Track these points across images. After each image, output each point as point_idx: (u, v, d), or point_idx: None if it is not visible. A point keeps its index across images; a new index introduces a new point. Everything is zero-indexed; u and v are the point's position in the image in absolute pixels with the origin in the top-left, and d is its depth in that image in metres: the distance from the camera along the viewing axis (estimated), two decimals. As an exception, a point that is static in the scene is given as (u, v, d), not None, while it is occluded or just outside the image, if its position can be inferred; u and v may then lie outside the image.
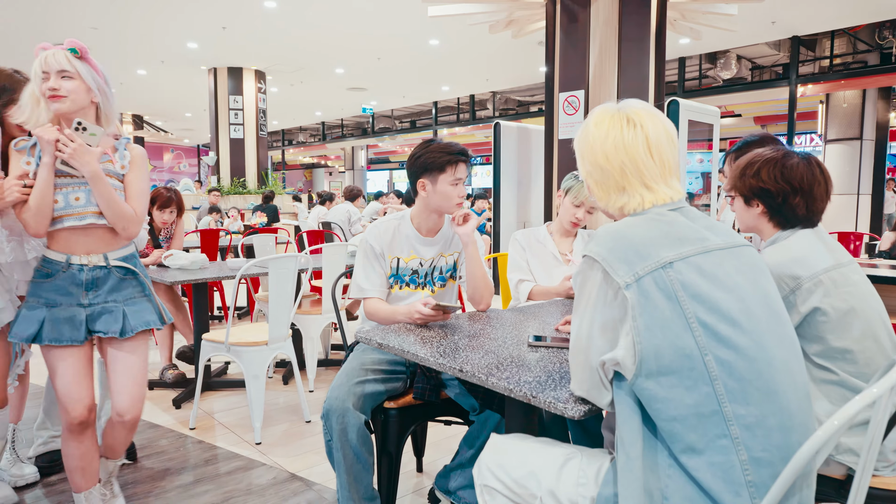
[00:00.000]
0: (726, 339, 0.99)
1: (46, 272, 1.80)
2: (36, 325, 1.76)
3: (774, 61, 11.03)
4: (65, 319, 1.79)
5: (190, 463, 2.47)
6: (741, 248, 1.12)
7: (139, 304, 1.90)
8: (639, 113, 1.17)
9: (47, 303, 1.79)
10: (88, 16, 7.87)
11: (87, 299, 1.82)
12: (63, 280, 1.80)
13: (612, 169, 1.16)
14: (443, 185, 1.99)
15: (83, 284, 1.81)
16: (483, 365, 1.38)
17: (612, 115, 1.18)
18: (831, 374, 1.41)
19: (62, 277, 1.80)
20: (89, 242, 1.82)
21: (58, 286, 1.80)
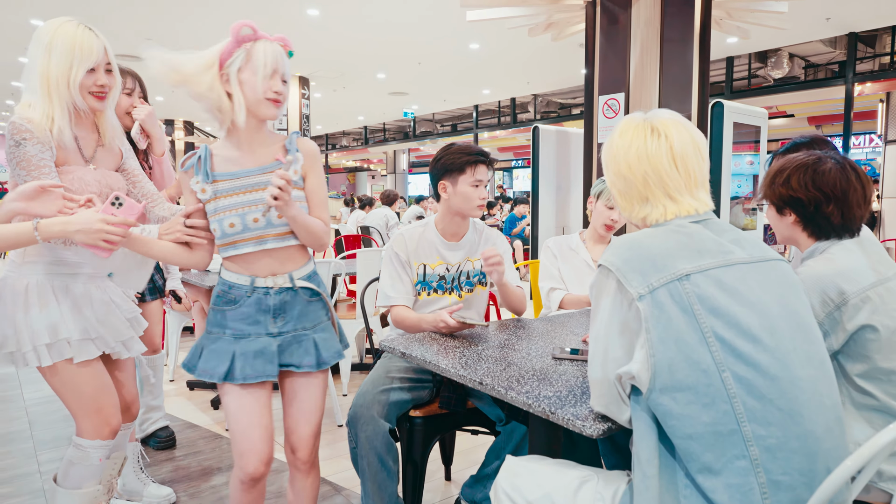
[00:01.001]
0: (745, 355, 0.96)
1: (230, 298, 1.53)
2: (227, 361, 1.51)
3: (830, 59, 10.57)
4: (256, 353, 1.53)
5: (224, 464, 2.53)
6: (770, 263, 1.08)
7: (327, 330, 1.65)
8: (665, 122, 1.14)
9: (235, 334, 1.53)
10: (143, 26, 8.20)
11: (275, 327, 1.56)
12: (249, 306, 1.53)
13: (634, 179, 1.14)
14: (463, 186, 1.99)
15: (271, 310, 1.55)
16: (504, 378, 1.36)
17: (636, 125, 1.15)
18: (872, 398, 1.34)
19: (248, 303, 1.52)
20: (272, 262, 1.55)
21: (245, 314, 1.53)
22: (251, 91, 1.46)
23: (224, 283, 1.55)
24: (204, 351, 1.55)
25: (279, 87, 1.49)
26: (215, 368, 1.52)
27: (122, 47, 9.26)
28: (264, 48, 1.46)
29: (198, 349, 1.56)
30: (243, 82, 1.46)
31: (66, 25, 1.58)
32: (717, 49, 9.52)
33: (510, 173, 24.43)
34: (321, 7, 7.36)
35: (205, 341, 1.56)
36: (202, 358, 1.54)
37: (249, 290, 1.54)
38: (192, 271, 3.44)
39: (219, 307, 1.54)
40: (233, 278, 1.54)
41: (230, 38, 1.46)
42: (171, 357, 3.69)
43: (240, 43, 1.45)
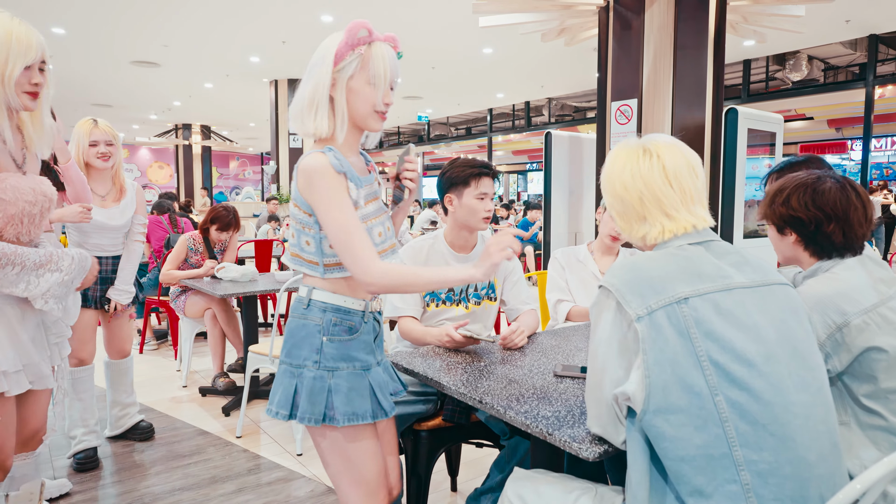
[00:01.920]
0: (739, 380, 0.96)
1: (349, 326, 1.36)
2: (368, 398, 1.35)
3: (850, 61, 10.40)
4: (383, 384, 1.40)
5: (234, 472, 2.56)
6: (771, 288, 1.07)
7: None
8: (657, 144, 1.16)
9: (364, 366, 1.37)
10: (161, 34, 8.32)
11: (378, 356, 1.43)
12: (367, 333, 1.39)
13: (630, 199, 1.16)
14: (468, 198, 2.01)
15: (375, 336, 1.43)
16: (504, 396, 1.36)
17: (629, 149, 1.18)
18: (880, 418, 1.32)
19: (365, 330, 1.39)
20: None
21: (364, 343, 1.38)
22: (363, 103, 1.31)
23: (337, 309, 1.34)
24: (344, 392, 1.31)
25: (391, 98, 1.34)
26: (361, 408, 1.33)
27: (140, 54, 9.42)
28: (382, 54, 1.30)
29: (322, 392, 1.30)
30: (353, 91, 1.30)
31: (1, 17, 1.46)
32: (734, 52, 9.42)
33: (524, 176, 24.38)
34: (335, 14, 7.43)
35: (337, 381, 1.32)
36: (346, 401, 1.31)
37: (366, 316, 1.39)
38: (204, 280, 3.48)
39: (339, 337, 1.34)
40: (347, 303, 1.35)
41: (343, 39, 1.29)
42: (185, 363, 3.74)
43: (354, 46, 1.29)
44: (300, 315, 1.35)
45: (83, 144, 2.46)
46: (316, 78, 1.29)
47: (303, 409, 1.30)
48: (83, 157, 2.47)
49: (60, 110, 10.34)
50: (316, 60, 1.31)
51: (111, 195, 2.57)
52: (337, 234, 1.27)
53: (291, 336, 1.35)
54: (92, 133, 2.47)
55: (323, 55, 1.30)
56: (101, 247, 2.56)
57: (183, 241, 3.65)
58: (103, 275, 2.58)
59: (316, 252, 1.33)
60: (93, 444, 2.62)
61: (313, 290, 1.35)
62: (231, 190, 24.58)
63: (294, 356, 1.33)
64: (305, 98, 1.31)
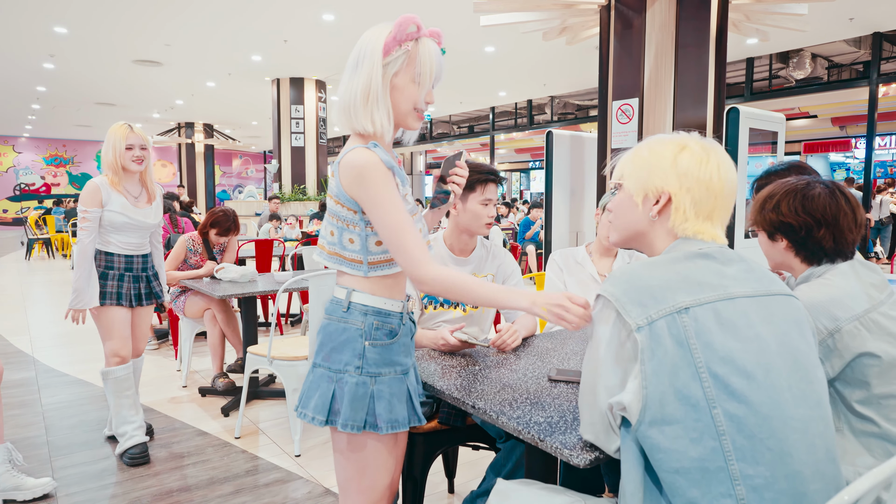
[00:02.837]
0: (738, 392, 0.94)
1: (390, 329, 1.32)
2: (406, 404, 1.33)
3: (854, 59, 10.35)
4: (415, 391, 1.38)
5: (232, 473, 2.56)
6: (775, 298, 1.05)
7: None
8: (718, 152, 1.13)
9: (404, 370, 1.34)
10: (163, 33, 8.33)
11: (413, 358, 1.41)
12: (406, 335, 1.36)
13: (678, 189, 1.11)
14: (473, 203, 2.01)
15: (411, 339, 1.40)
16: (497, 401, 1.36)
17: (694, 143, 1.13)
18: (873, 425, 1.31)
19: (404, 332, 1.35)
20: (404, 282, 1.39)
21: (404, 345, 1.35)
22: (405, 100, 1.28)
23: (378, 312, 1.31)
24: (387, 399, 1.29)
25: (433, 96, 1.31)
26: (402, 414, 1.31)
27: (142, 53, 9.42)
28: (429, 51, 1.26)
29: (364, 399, 1.27)
30: (397, 88, 1.27)
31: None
32: (737, 50, 9.38)
33: (527, 175, 24.35)
34: (336, 12, 7.42)
35: (380, 388, 1.28)
36: (388, 408, 1.28)
37: (403, 317, 1.35)
38: (203, 280, 3.49)
39: (381, 342, 1.30)
40: (387, 305, 1.32)
41: (391, 33, 1.25)
42: (185, 363, 3.75)
43: (401, 42, 1.25)
44: (339, 318, 1.30)
45: (119, 148, 2.54)
46: (367, 71, 1.24)
47: (345, 416, 1.27)
48: (119, 160, 2.55)
49: (64, 109, 10.39)
50: (363, 53, 1.26)
51: (143, 197, 2.67)
52: (392, 232, 1.24)
53: (330, 339, 1.30)
54: (128, 137, 2.56)
55: (371, 48, 1.25)
56: (131, 244, 2.64)
57: (182, 242, 3.66)
58: (134, 273, 2.65)
59: (361, 250, 1.30)
60: (142, 439, 2.68)
61: (353, 293, 1.31)
62: (234, 188, 24.62)
63: (334, 361, 1.29)
64: (358, 93, 1.25)
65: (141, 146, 2.58)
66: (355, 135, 1.32)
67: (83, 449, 2.77)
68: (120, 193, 2.55)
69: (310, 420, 1.30)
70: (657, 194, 1.12)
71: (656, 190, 1.12)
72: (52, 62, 10.01)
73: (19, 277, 9.05)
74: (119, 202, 2.54)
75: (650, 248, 1.17)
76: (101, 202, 2.52)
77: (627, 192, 1.17)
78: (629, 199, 1.17)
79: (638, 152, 1.16)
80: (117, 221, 2.55)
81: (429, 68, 1.27)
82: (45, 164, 21.60)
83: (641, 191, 1.14)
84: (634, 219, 1.16)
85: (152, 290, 2.73)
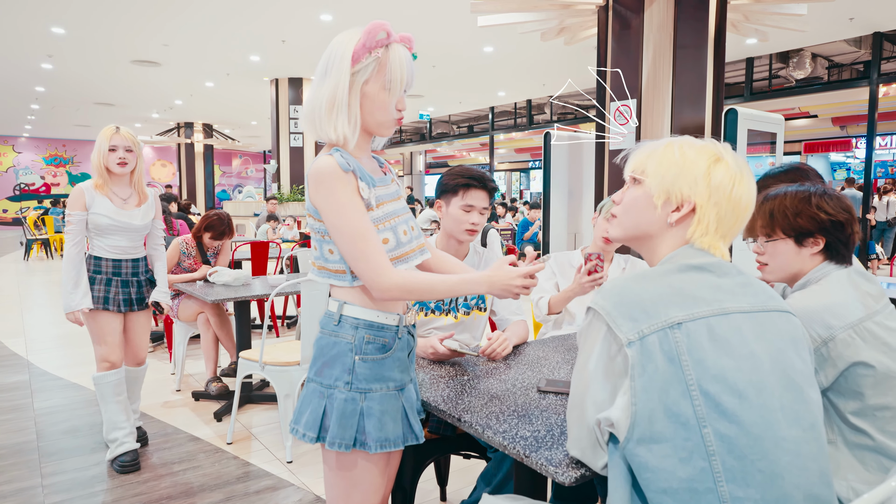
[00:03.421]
0: (729, 412, 0.92)
1: (383, 343, 1.28)
2: (400, 422, 1.29)
3: (854, 59, 10.31)
4: (411, 408, 1.33)
5: (223, 479, 2.54)
6: (771, 314, 1.02)
7: None
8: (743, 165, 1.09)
9: (398, 387, 1.30)
10: (161, 33, 8.31)
11: (412, 372, 1.36)
12: (401, 350, 1.31)
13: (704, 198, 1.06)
14: (454, 208, 2.00)
15: (409, 353, 1.35)
16: (484, 414, 1.33)
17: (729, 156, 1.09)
18: (867, 437, 1.29)
19: (400, 346, 1.31)
20: None
21: (399, 360, 1.31)
22: (377, 108, 1.25)
23: (370, 325, 1.27)
24: (377, 416, 1.24)
25: (404, 103, 1.29)
26: (394, 433, 1.27)
27: (140, 53, 9.40)
28: (399, 58, 1.23)
29: (353, 416, 1.23)
30: (367, 96, 1.24)
31: None
32: (737, 50, 9.35)
33: (527, 174, 24.33)
34: (334, 13, 7.39)
35: (369, 404, 1.24)
36: (378, 426, 1.24)
37: (401, 331, 1.30)
38: (196, 284, 3.46)
39: (372, 356, 1.26)
40: (380, 318, 1.27)
41: (360, 41, 1.22)
42: (178, 367, 3.73)
43: (371, 49, 1.22)
44: (331, 332, 1.28)
45: (103, 150, 2.53)
46: (334, 79, 1.22)
47: (332, 434, 1.23)
48: (103, 162, 2.53)
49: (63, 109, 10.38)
50: (331, 61, 1.23)
51: (133, 199, 2.64)
52: (347, 239, 1.21)
53: (322, 354, 1.28)
54: (112, 139, 2.54)
55: (340, 55, 1.22)
56: (119, 248, 2.61)
57: (176, 245, 3.64)
58: (124, 277, 2.63)
59: (341, 259, 1.27)
60: (133, 445, 2.66)
61: (344, 305, 1.28)
62: (234, 188, 24.61)
63: (325, 376, 1.26)
64: (324, 101, 1.23)
65: (126, 148, 2.55)
66: (325, 146, 1.31)
67: (74, 455, 2.75)
68: (105, 196, 2.54)
69: (301, 437, 1.27)
70: (681, 201, 1.06)
71: (681, 196, 1.06)
72: (51, 62, 9.99)
73: (17, 278, 9.03)
74: (104, 205, 2.52)
75: (652, 253, 1.13)
76: (85, 205, 2.50)
77: (646, 190, 1.09)
78: (647, 198, 1.09)
79: (668, 152, 1.08)
80: (102, 224, 2.53)
81: (399, 75, 1.24)
82: (44, 164, 21.59)
83: (664, 193, 1.07)
84: (648, 220, 1.10)
85: (144, 295, 2.70)
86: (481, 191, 2.00)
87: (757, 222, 1.47)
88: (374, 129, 1.30)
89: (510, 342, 1.85)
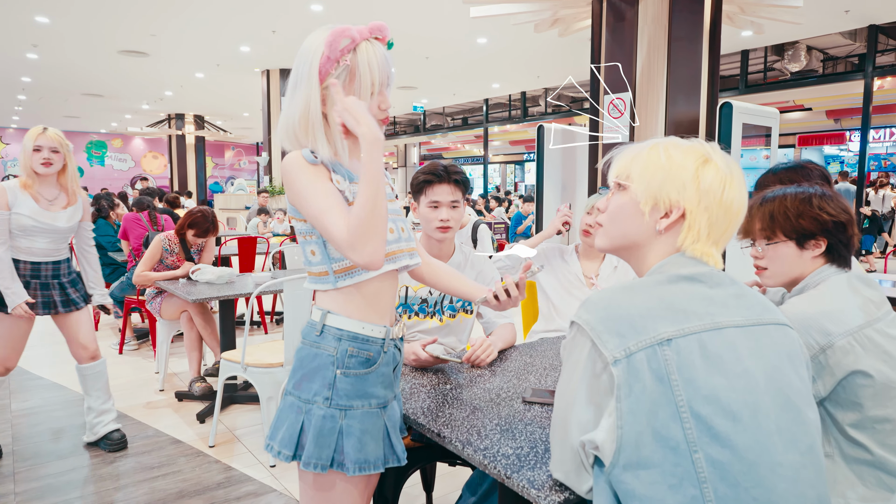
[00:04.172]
0: (722, 436, 0.85)
1: (367, 357, 1.19)
2: (381, 442, 1.21)
3: (849, 52, 10.26)
4: (394, 427, 1.26)
5: (203, 485, 2.47)
6: (767, 328, 0.95)
7: None
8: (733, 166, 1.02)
9: (381, 404, 1.22)
10: (148, 23, 8.16)
11: (396, 388, 1.28)
12: (387, 364, 1.23)
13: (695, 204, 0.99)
14: (422, 207, 1.94)
15: (395, 368, 1.27)
16: (465, 428, 1.26)
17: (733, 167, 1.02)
18: (866, 451, 1.23)
19: (385, 361, 1.22)
20: (394, 294, 1.27)
21: (382, 375, 1.22)
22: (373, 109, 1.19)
23: (354, 337, 1.18)
24: (357, 436, 1.16)
25: (388, 101, 1.21)
26: (374, 454, 1.18)
27: (127, 43, 9.24)
28: (368, 60, 1.16)
29: (331, 435, 1.15)
30: None
31: None
32: (732, 42, 9.27)
33: (522, 167, 24.24)
34: (324, 3, 7.26)
35: (349, 422, 1.16)
36: (358, 446, 1.16)
37: (386, 344, 1.22)
38: (179, 282, 3.38)
39: (355, 371, 1.18)
40: (366, 329, 1.19)
41: (324, 54, 1.15)
42: (162, 366, 3.65)
43: (337, 59, 1.15)
44: (312, 343, 1.20)
45: (28, 149, 2.49)
46: (304, 96, 1.16)
47: (308, 453, 1.15)
48: (28, 161, 2.49)
49: (51, 99, 10.24)
50: (300, 75, 1.17)
51: (60, 200, 2.59)
52: (316, 217, 1.12)
53: (301, 366, 1.20)
54: (37, 139, 2.49)
55: (306, 72, 1.16)
56: (39, 250, 2.56)
57: (158, 242, 3.54)
58: (43, 280, 2.58)
59: (323, 259, 1.20)
60: (116, 426, 2.79)
61: (328, 315, 1.19)
62: (227, 180, 24.42)
63: (304, 389, 1.18)
64: (296, 118, 1.17)
65: (51, 149, 2.50)
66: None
67: (50, 459, 2.67)
68: (31, 196, 2.49)
69: (276, 454, 1.18)
70: (669, 207, 0.99)
71: (669, 202, 0.99)
72: (36, 52, 9.81)
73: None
74: (27, 205, 2.48)
75: (641, 263, 1.05)
76: (8, 204, 2.45)
77: (632, 196, 1.02)
78: (633, 204, 1.02)
79: (652, 154, 1.01)
80: (25, 224, 2.48)
81: (369, 80, 1.16)
82: (33, 156, 21.32)
83: (651, 199, 1.00)
84: (635, 228, 1.02)
85: (69, 297, 2.64)
86: (445, 184, 1.91)
87: (755, 225, 1.40)
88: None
89: (495, 347, 1.78)
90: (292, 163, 1.15)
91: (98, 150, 22.36)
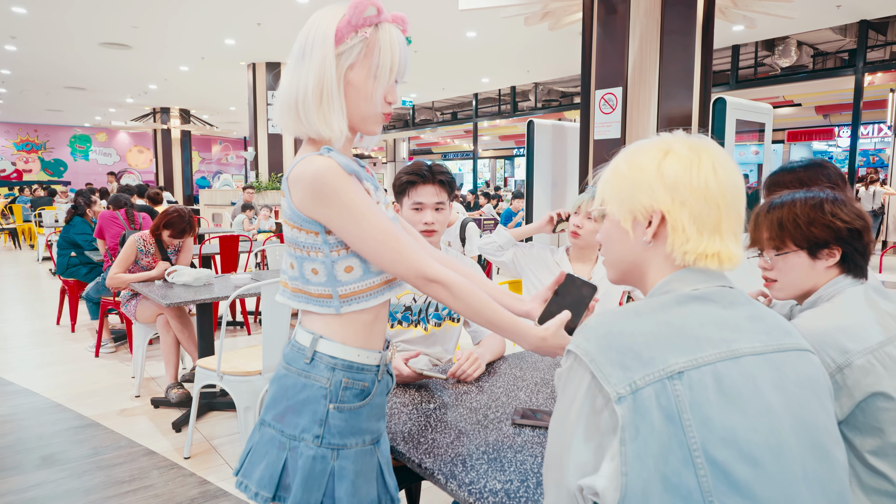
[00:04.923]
0: (742, 484, 0.73)
1: (362, 388, 1.08)
2: (375, 483, 1.10)
3: (840, 47, 10.22)
4: (387, 463, 1.14)
5: (176, 501, 2.34)
6: (788, 355, 0.84)
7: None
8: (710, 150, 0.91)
9: (374, 438, 1.11)
10: (129, 15, 7.94)
11: (384, 421, 1.17)
12: (380, 395, 1.12)
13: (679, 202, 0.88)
14: (405, 209, 1.83)
15: (386, 396, 1.18)
16: (449, 458, 1.15)
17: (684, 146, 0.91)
18: (887, 482, 1.12)
19: (379, 391, 1.11)
20: (386, 323, 1.17)
21: (377, 407, 1.11)
22: (364, 100, 1.04)
23: (349, 366, 1.06)
24: (350, 479, 1.04)
25: (396, 95, 1.07)
26: (368, 497, 1.07)
27: (108, 35, 9.01)
28: (391, 40, 1.03)
29: (322, 477, 1.02)
30: (353, 84, 1.03)
31: None
32: (723, 37, 9.19)
33: (511, 162, 24.15)
34: (309, -6, 7.10)
35: (342, 463, 1.04)
36: (352, 490, 1.04)
37: (379, 371, 1.10)
38: (154, 284, 3.24)
39: (350, 405, 1.05)
40: (361, 357, 1.07)
41: (345, 16, 1.01)
42: (138, 371, 3.50)
43: (358, 27, 1.01)
44: (300, 371, 1.06)
45: None
46: (318, 63, 1.01)
47: (295, 498, 1.01)
48: None
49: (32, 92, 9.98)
50: (312, 40, 1.02)
51: None
52: (377, 244, 1.01)
53: (285, 395, 1.05)
54: None
55: (322, 34, 1.01)
56: None
57: (132, 243, 3.39)
58: None
59: (328, 281, 1.05)
60: None
61: (320, 340, 1.06)
62: (214, 175, 24.11)
63: (289, 423, 1.04)
64: (310, 89, 1.01)
65: None
66: (307, 141, 1.08)
67: (13, 475, 2.53)
68: None
69: (252, 496, 1.04)
70: (648, 215, 0.89)
71: (645, 210, 0.89)
72: (14, 44, 9.55)
73: (-19, 270, 8.68)
74: None
75: (644, 284, 0.94)
76: None
77: (613, 218, 0.94)
78: (616, 226, 0.93)
79: (616, 168, 0.93)
80: None
81: (389, 60, 1.02)
82: (15, 150, 20.93)
83: (629, 214, 0.90)
84: (626, 249, 0.93)
85: None
86: (430, 185, 1.80)
87: (763, 234, 1.29)
88: (358, 125, 1.08)
89: (483, 360, 1.67)
90: (329, 172, 0.99)
91: (82, 143, 21.98)
